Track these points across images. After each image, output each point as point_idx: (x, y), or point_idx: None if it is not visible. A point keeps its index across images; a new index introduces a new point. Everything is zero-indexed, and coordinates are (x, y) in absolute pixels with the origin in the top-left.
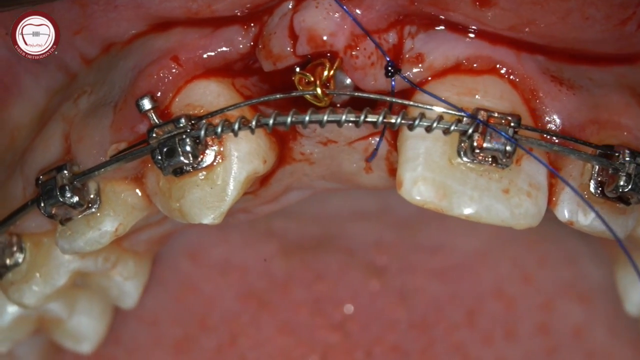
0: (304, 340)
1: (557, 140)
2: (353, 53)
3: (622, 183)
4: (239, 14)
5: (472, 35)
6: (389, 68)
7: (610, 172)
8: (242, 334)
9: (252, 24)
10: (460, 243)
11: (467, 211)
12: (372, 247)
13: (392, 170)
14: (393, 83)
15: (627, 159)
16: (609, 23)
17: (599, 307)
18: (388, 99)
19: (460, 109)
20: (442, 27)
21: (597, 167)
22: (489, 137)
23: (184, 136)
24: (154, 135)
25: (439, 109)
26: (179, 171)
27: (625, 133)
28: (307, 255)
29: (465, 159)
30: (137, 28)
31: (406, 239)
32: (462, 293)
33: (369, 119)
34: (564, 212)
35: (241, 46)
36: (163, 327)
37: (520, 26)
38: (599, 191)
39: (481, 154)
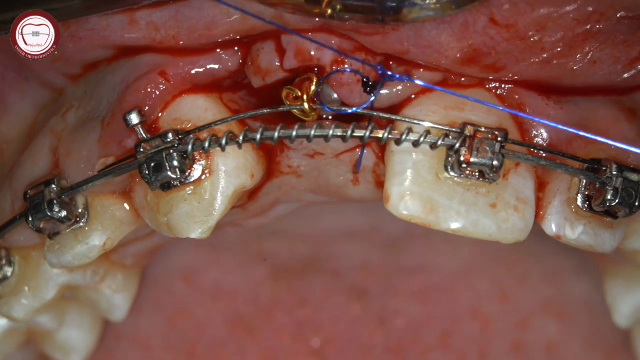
0: None
1: (544, 155)
2: (340, 69)
3: (609, 197)
4: (213, 42)
5: None
6: (369, 82)
7: (597, 186)
8: None
9: (235, 48)
10: (443, 262)
11: (455, 226)
12: (358, 269)
13: (379, 183)
14: (372, 98)
15: (615, 173)
16: (617, 64)
17: (576, 321)
18: (375, 114)
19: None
20: None
21: (584, 181)
22: (476, 152)
23: (172, 151)
24: (142, 150)
25: (426, 124)
26: (167, 186)
27: (613, 147)
28: (294, 279)
29: (452, 173)
30: (113, 53)
31: (391, 260)
32: (439, 314)
33: (356, 134)
34: (552, 226)
35: (230, 64)
36: (154, 351)
37: (523, 77)
38: (586, 205)
39: (468, 169)
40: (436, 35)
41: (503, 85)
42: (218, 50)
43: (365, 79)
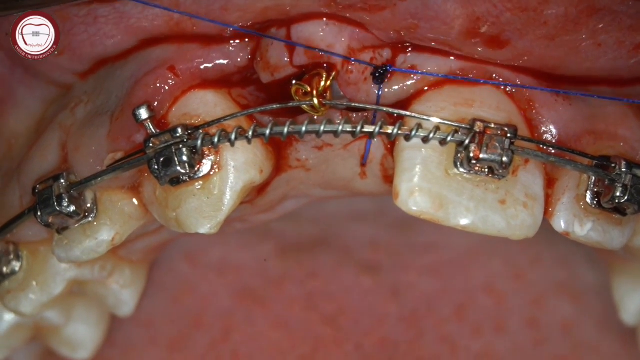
0: (296, 333)
1: (553, 151)
2: (349, 67)
3: (618, 194)
4: (227, 33)
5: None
6: (379, 71)
7: (606, 183)
8: (235, 329)
9: (247, 39)
10: (454, 241)
11: (464, 222)
12: (367, 246)
13: (387, 177)
14: (379, 92)
15: (624, 169)
16: (622, 49)
17: (589, 304)
18: (385, 109)
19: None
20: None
21: (593, 178)
22: (485, 148)
23: (181, 146)
24: (151, 144)
25: (435, 120)
26: (176, 181)
27: (622, 144)
28: (302, 254)
29: (461, 169)
30: (122, 47)
31: (400, 238)
32: (453, 289)
33: (365, 130)
34: (560, 223)
35: (239, 59)
36: (158, 327)
37: (528, 59)
38: (595, 202)
39: (478, 165)
40: (442, 3)
41: (512, 81)
42: (230, 42)
43: (375, 73)
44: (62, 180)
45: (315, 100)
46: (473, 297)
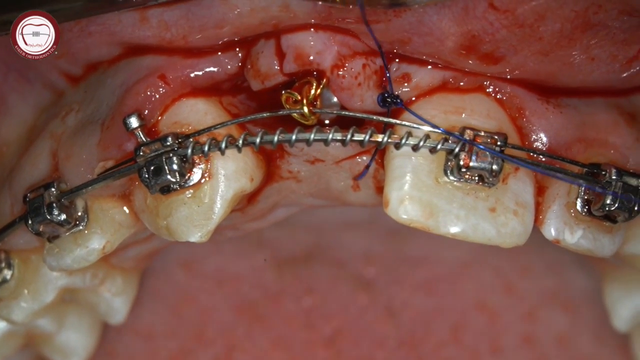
0: (297, 355)
1: (543, 159)
2: (340, 73)
3: (608, 202)
4: (219, 43)
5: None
6: (386, 97)
7: (597, 190)
8: (238, 348)
9: (237, 49)
10: (445, 254)
11: (454, 230)
12: (361, 259)
13: (380, 188)
14: (388, 111)
15: (614, 177)
16: (615, 63)
17: (583, 314)
18: (375, 117)
19: (434, 126)
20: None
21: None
22: (475, 156)
23: (171, 154)
24: (141, 153)
25: (425, 128)
26: (166, 189)
27: (612, 151)
28: (298, 268)
29: (452, 177)
30: (117, 52)
31: (393, 250)
32: (446, 307)
33: (355, 138)
34: (551, 231)
35: (229, 67)
36: (159, 341)
37: (521, 72)
38: (585, 209)
39: (468, 173)
40: (437, 20)
41: (502, 89)
42: (219, 54)
43: (386, 94)
44: (53, 189)
45: (305, 109)
46: (467, 315)
